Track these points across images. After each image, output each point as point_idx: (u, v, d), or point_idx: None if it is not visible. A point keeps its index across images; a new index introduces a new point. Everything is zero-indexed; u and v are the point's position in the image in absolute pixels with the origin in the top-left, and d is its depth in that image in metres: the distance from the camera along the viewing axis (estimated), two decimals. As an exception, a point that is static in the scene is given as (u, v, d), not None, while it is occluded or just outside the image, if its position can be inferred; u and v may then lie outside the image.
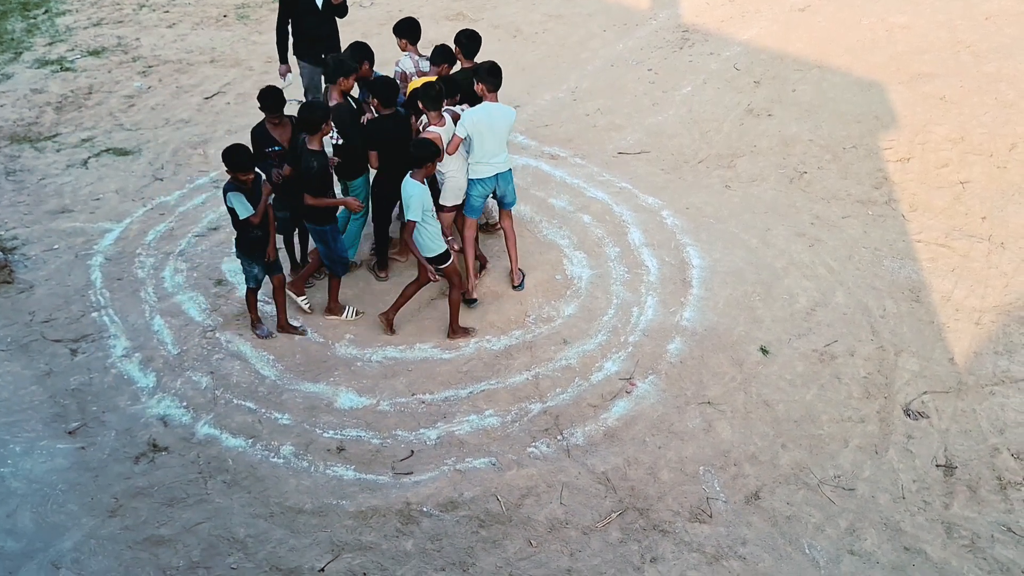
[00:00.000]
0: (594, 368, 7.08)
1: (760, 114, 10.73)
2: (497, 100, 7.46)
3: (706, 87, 11.48)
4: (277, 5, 9.27)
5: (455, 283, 7.27)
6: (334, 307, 7.61)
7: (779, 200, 9.12)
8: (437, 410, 6.69)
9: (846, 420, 6.57)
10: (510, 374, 7.02)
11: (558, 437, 6.45)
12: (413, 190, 6.77)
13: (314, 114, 6.83)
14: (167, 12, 14.12)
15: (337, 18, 9.27)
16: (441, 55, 7.92)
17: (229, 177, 6.72)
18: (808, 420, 6.58)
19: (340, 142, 7.37)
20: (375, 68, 7.98)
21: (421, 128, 7.40)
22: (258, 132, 7.27)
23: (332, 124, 7.02)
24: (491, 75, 7.42)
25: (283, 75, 9.46)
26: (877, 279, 7.96)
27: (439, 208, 7.35)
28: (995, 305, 7.63)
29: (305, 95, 9.55)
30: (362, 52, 7.78)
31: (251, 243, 7.00)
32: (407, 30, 8.18)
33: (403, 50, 8.18)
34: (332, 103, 7.35)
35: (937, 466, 6.21)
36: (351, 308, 7.64)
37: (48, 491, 6.00)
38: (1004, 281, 7.88)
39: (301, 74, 9.45)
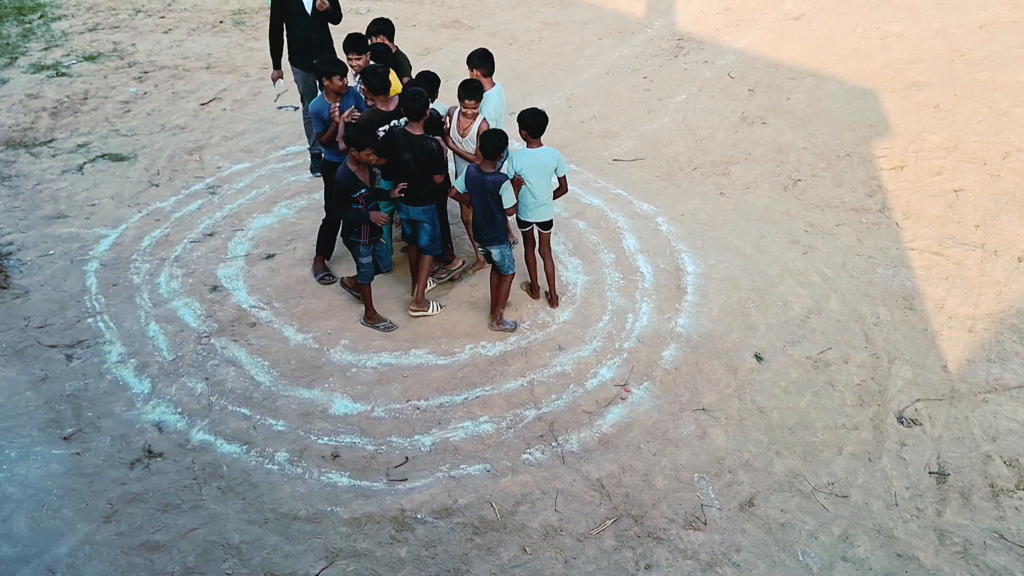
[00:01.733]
0: (589, 374, 7.09)
1: (754, 122, 10.77)
2: (494, 84, 7.79)
3: (701, 95, 11.52)
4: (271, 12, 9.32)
5: (529, 252, 7.75)
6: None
7: (773, 207, 9.16)
8: (432, 416, 6.69)
9: (840, 427, 6.59)
10: (505, 380, 7.02)
11: (553, 443, 6.46)
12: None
13: (418, 103, 7.07)
14: (163, 18, 14.16)
15: (331, 23, 9.33)
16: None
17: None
18: (802, 427, 6.60)
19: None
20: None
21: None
22: (347, 178, 6.91)
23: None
24: (484, 60, 7.75)
25: (275, 80, 9.49)
26: (871, 287, 7.99)
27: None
28: (988, 313, 7.66)
29: (301, 100, 9.59)
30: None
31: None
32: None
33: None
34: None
35: (930, 473, 6.22)
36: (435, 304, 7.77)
37: (43, 496, 5.99)
38: (997, 289, 7.91)
39: (295, 80, 9.47)
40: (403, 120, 7.33)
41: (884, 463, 6.29)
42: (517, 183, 7.23)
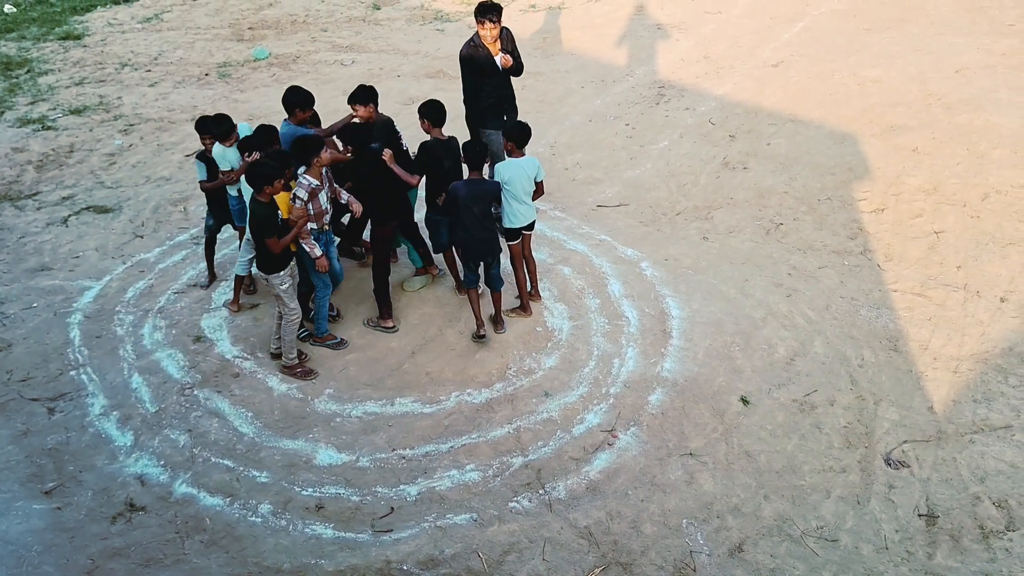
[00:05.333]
0: (576, 420, 7.06)
1: (736, 167, 10.87)
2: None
3: (683, 141, 11.64)
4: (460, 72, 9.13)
5: (517, 265, 8.15)
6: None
7: (756, 251, 9.21)
8: (418, 465, 6.64)
9: (828, 470, 6.57)
10: (491, 427, 6.99)
11: (540, 491, 6.41)
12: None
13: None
14: (149, 71, 14.27)
15: (514, 76, 9.22)
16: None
17: None
18: (790, 470, 6.57)
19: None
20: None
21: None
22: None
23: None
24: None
25: None
26: (855, 329, 8.01)
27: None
28: (972, 353, 7.68)
29: (492, 163, 8.78)
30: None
31: None
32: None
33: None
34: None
35: (919, 516, 6.19)
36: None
37: (23, 553, 5.90)
38: (981, 329, 7.94)
39: (489, 141, 8.88)
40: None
41: (873, 506, 6.26)
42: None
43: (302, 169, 7.29)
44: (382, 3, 17.83)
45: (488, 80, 8.96)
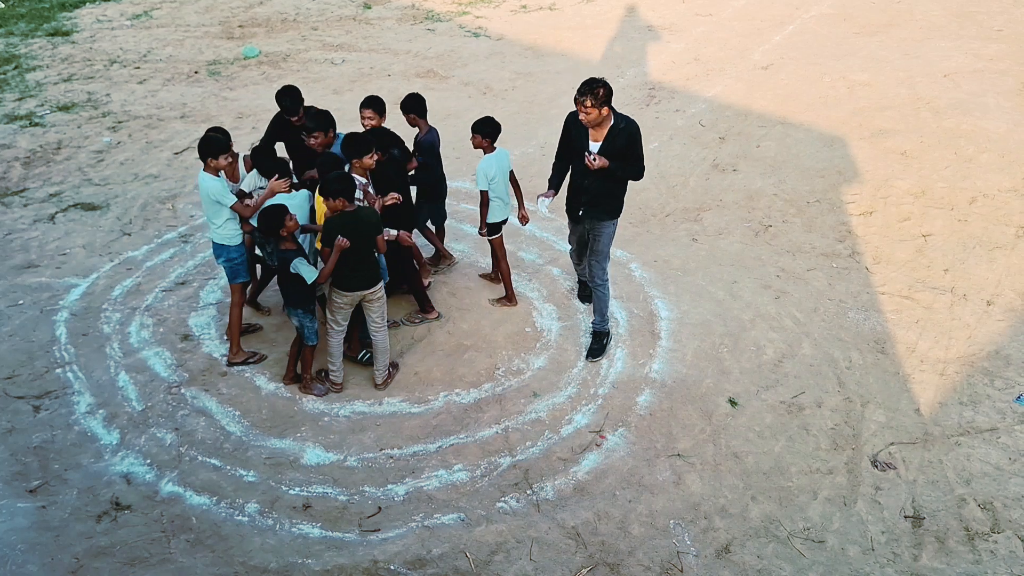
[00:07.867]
0: (564, 421, 7.06)
1: (726, 169, 10.90)
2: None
3: (673, 143, 11.66)
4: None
5: (500, 255, 8.32)
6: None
7: (745, 253, 9.23)
8: (405, 465, 6.63)
9: (815, 472, 6.58)
10: (479, 428, 6.98)
11: (528, 491, 6.40)
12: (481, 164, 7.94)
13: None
14: (138, 68, 14.21)
15: (631, 180, 7.53)
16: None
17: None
18: (777, 472, 6.58)
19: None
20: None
21: None
22: None
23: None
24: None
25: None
26: (842, 331, 8.04)
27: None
28: (959, 356, 7.72)
29: (572, 256, 8.25)
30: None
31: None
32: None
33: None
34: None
35: (905, 517, 6.21)
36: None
37: (7, 552, 5.86)
38: (967, 332, 7.98)
39: (571, 234, 8.04)
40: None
41: (859, 507, 6.28)
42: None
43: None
44: (373, 2, 17.81)
45: (578, 162, 7.30)
